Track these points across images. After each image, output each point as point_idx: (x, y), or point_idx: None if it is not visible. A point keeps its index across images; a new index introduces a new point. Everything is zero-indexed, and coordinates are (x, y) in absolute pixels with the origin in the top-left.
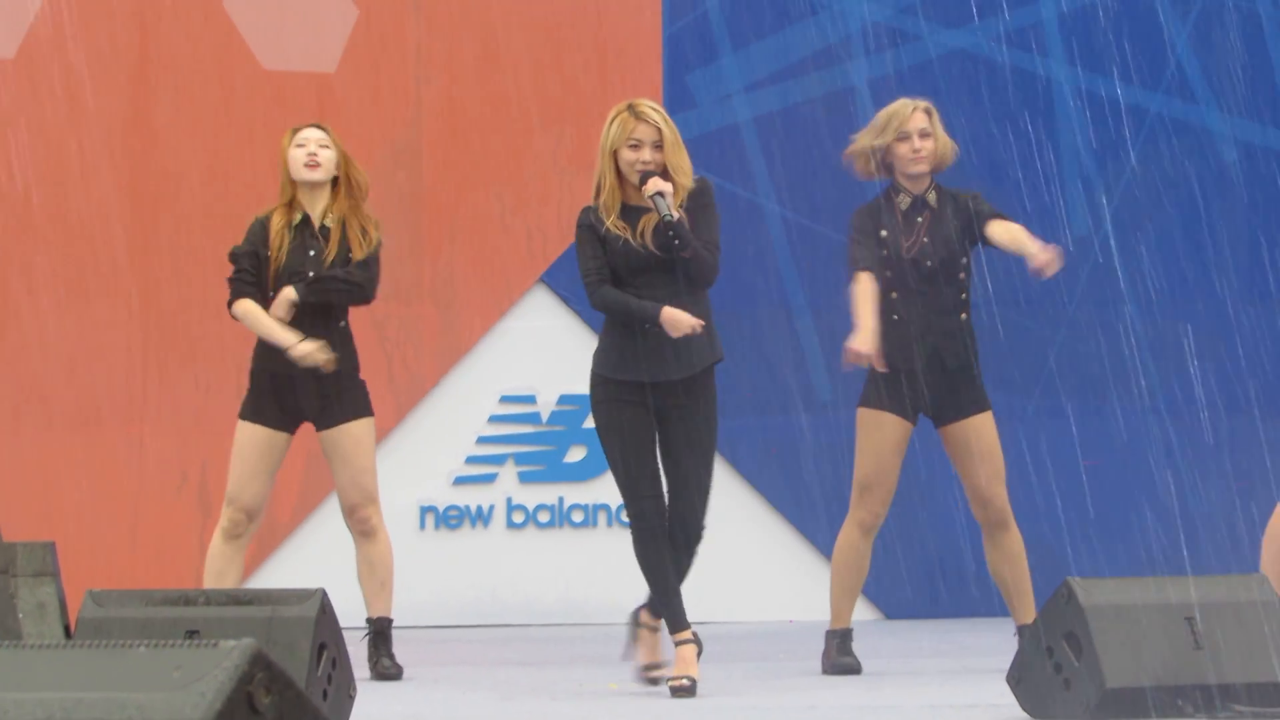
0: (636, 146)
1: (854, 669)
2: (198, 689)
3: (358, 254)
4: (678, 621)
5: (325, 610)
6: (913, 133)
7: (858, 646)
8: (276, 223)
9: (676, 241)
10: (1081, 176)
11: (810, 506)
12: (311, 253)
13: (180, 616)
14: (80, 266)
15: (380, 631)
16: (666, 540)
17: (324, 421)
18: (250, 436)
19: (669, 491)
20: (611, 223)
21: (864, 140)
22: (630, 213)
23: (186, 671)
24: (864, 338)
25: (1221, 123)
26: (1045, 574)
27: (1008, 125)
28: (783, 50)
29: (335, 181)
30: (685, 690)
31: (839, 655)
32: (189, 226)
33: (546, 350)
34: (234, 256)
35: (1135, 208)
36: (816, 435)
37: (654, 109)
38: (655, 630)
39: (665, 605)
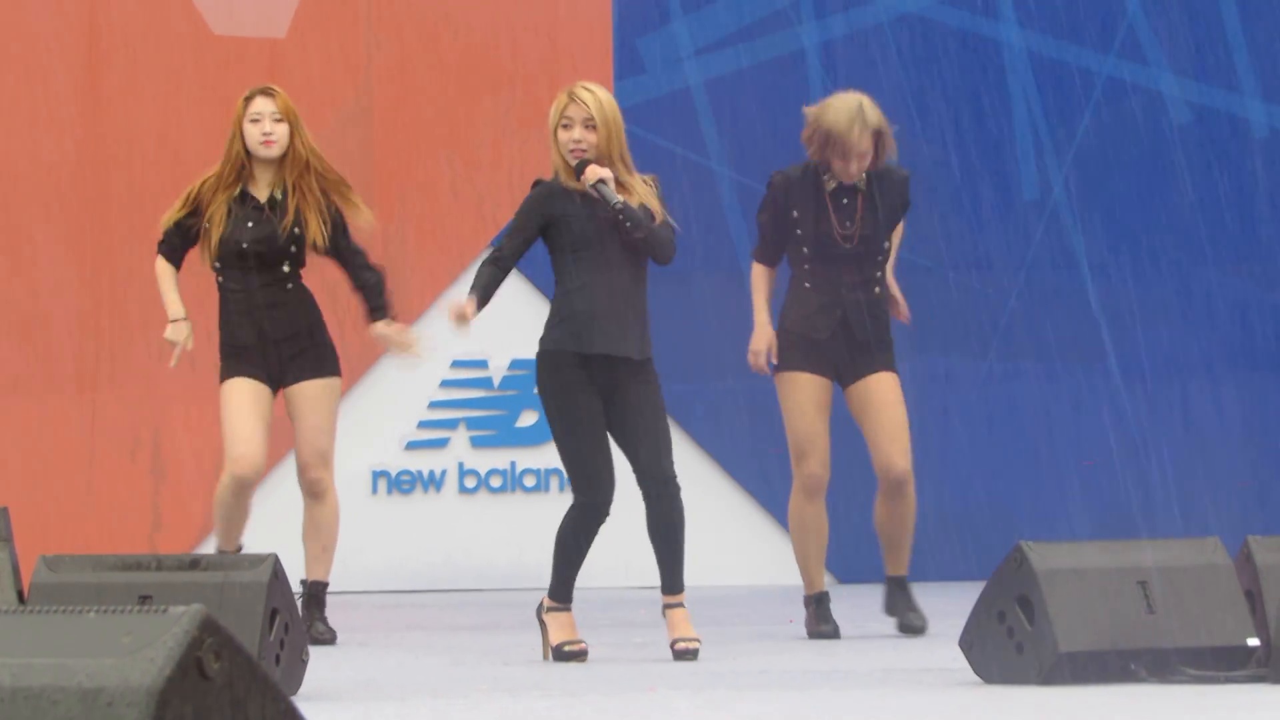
0: (568, 126)
1: (830, 634)
2: (147, 655)
3: (315, 226)
4: (566, 594)
5: (278, 575)
6: (852, 157)
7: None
8: (218, 194)
9: (628, 225)
10: (1034, 140)
11: (761, 471)
12: (250, 224)
13: (133, 582)
14: (31, 232)
15: (314, 595)
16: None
17: (284, 379)
18: (236, 387)
19: (631, 453)
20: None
21: (813, 137)
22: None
23: (136, 638)
24: (759, 334)
25: (1174, 85)
26: (998, 538)
27: (959, 89)
28: (733, 14)
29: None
30: (693, 653)
31: (818, 623)
32: (141, 191)
33: (498, 315)
34: (164, 229)
35: (1087, 171)
36: (767, 399)
37: (589, 89)
38: (563, 609)
39: (566, 582)
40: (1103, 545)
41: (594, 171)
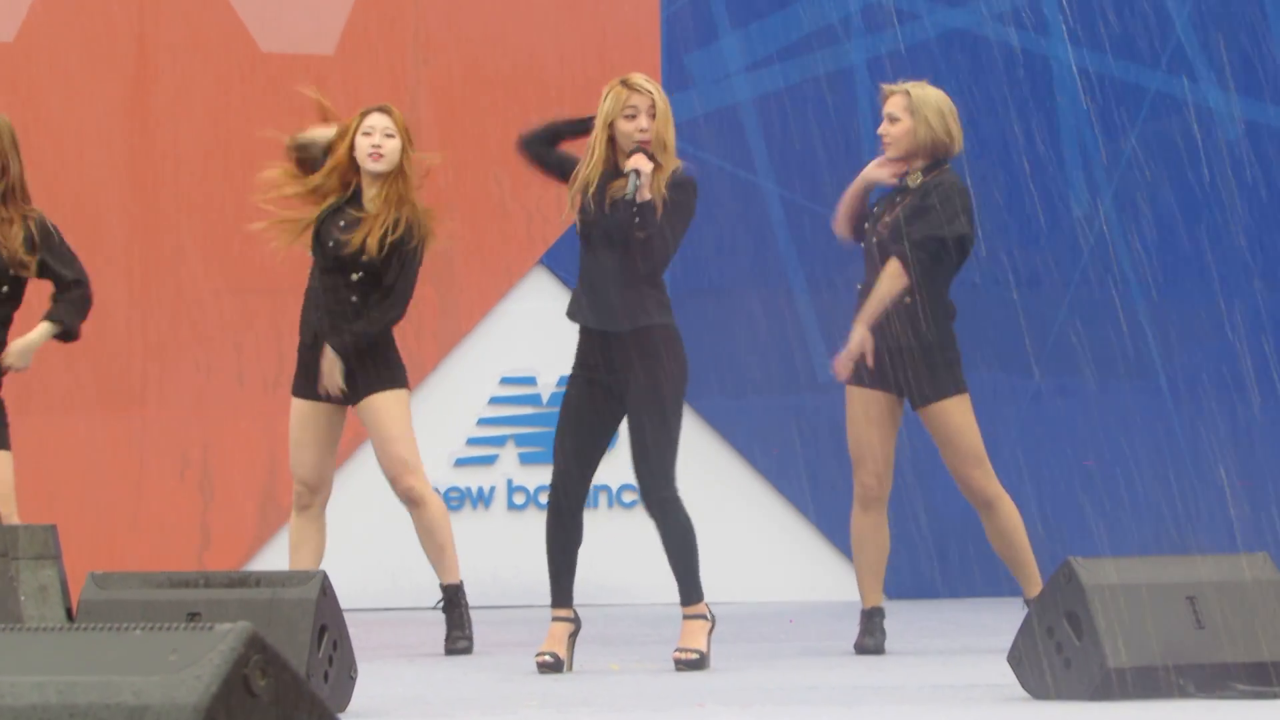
0: (633, 116)
1: (871, 649)
2: (193, 672)
3: (361, 236)
4: (565, 598)
5: (326, 592)
6: (884, 116)
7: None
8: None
9: (638, 219)
10: (1082, 155)
11: (809, 487)
12: (342, 223)
13: (182, 599)
14: (80, 249)
15: (450, 601)
16: (574, 523)
17: (350, 397)
18: (294, 411)
19: (634, 469)
20: (590, 194)
21: None
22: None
23: (182, 655)
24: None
25: (1222, 101)
26: (1048, 553)
27: (1007, 105)
28: (782, 30)
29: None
30: (691, 664)
31: (863, 636)
32: (189, 209)
33: (546, 332)
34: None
35: (1136, 186)
36: (816, 415)
37: (646, 80)
38: (561, 620)
39: (554, 583)
40: (1151, 561)
41: (638, 160)
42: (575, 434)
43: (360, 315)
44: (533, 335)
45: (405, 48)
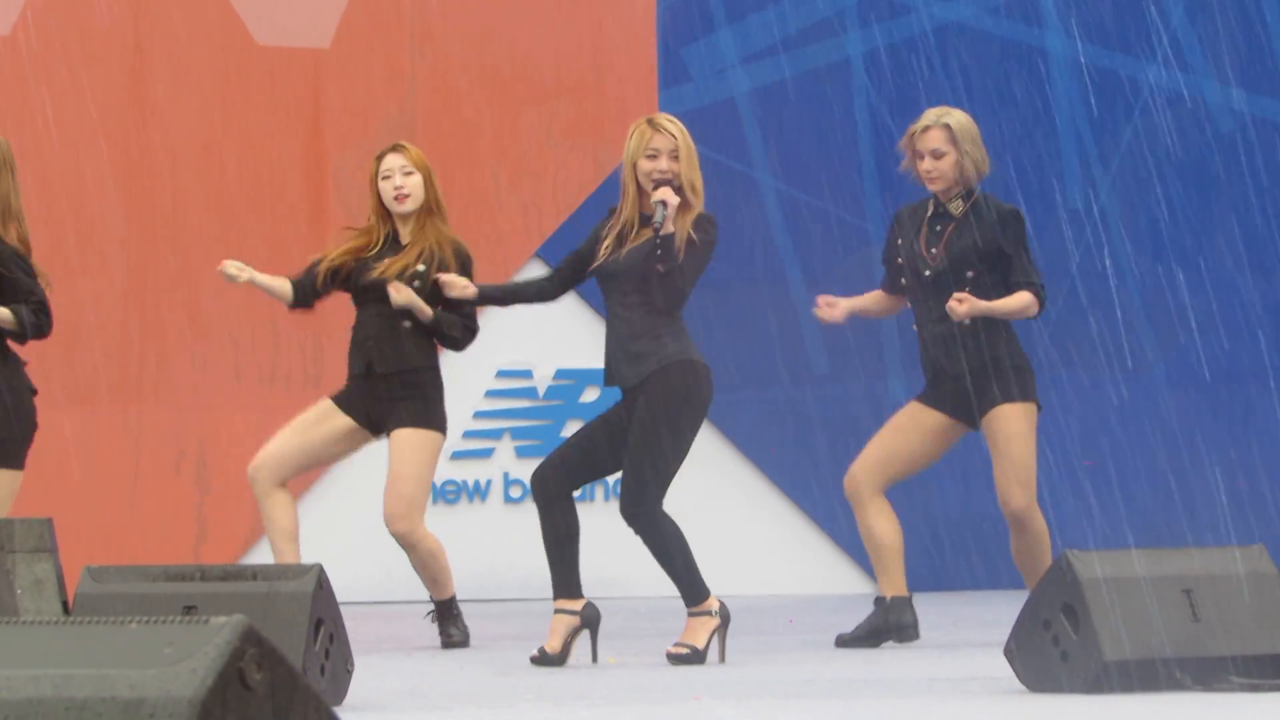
0: (654, 156)
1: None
2: (189, 665)
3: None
4: (563, 588)
5: (322, 585)
6: (925, 152)
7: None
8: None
9: (660, 252)
10: (1078, 148)
11: (806, 479)
12: (386, 259)
13: (177, 593)
14: (77, 243)
15: (441, 611)
16: (561, 510)
17: (377, 425)
18: (321, 408)
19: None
20: (613, 228)
21: (905, 146)
22: (644, 221)
23: (178, 648)
24: (841, 303)
25: (1218, 93)
26: None
27: (1003, 98)
28: (778, 23)
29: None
30: (682, 658)
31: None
32: (185, 203)
33: (543, 325)
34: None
35: (1132, 179)
36: (812, 408)
37: (671, 121)
38: (564, 613)
39: (552, 571)
40: (1148, 554)
41: (664, 193)
42: (582, 434)
43: (416, 343)
44: (529, 328)
45: (401, 41)
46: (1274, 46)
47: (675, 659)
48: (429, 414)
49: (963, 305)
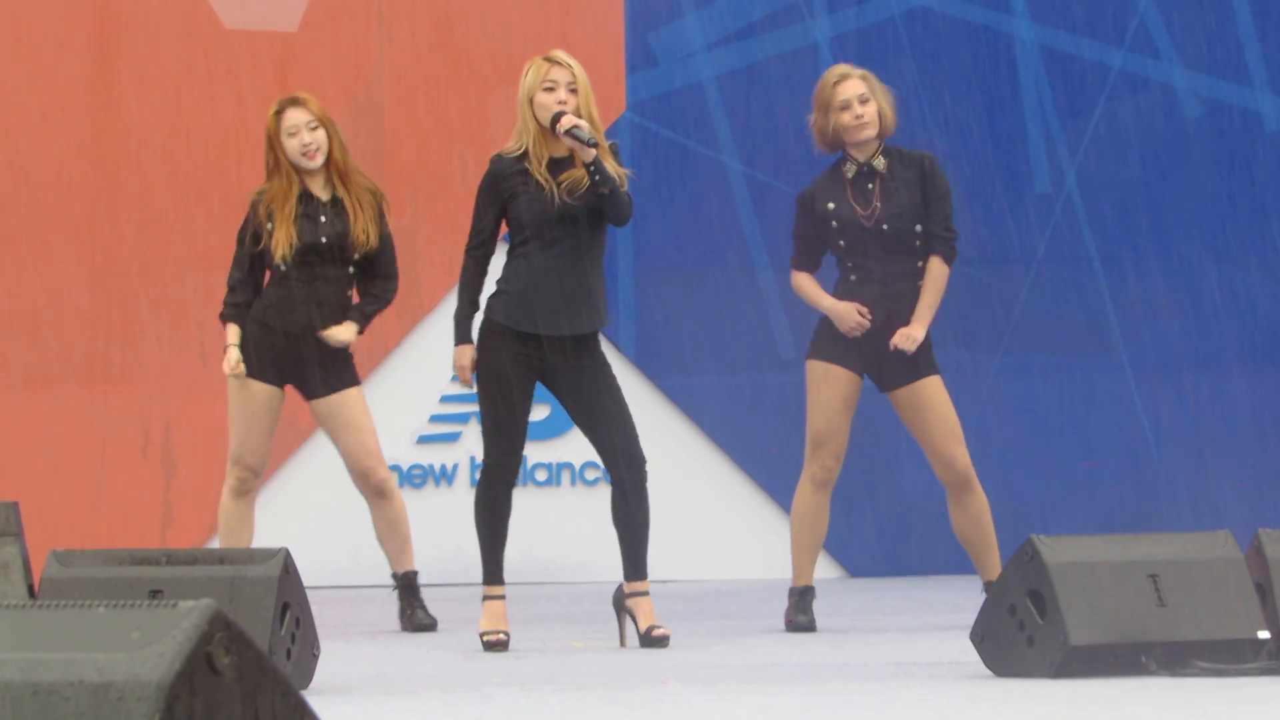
0: (551, 89)
1: (807, 627)
2: (157, 649)
3: (360, 227)
4: (492, 575)
5: (289, 570)
6: (852, 99)
7: (820, 604)
8: (280, 202)
9: (597, 178)
10: (1045, 134)
11: (772, 463)
12: (323, 219)
13: (144, 576)
14: (42, 225)
15: (408, 585)
16: (510, 495)
17: (320, 389)
18: (254, 395)
19: (601, 436)
20: (537, 171)
21: (817, 120)
22: (554, 166)
23: (146, 632)
24: (842, 311)
25: (1185, 79)
26: (1009, 532)
27: (970, 83)
28: (745, 8)
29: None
30: (667, 637)
31: (796, 614)
32: (151, 185)
33: None
34: (230, 278)
35: (1099, 165)
36: (779, 392)
37: (566, 55)
38: (496, 597)
39: (492, 559)
40: (1114, 539)
41: (568, 119)
42: (511, 406)
43: (349, 303)
44: None
45: (369, 25)
46: (1240, 32)
47: (662, 641)
48: (354, 371)
49: (909, 341)
